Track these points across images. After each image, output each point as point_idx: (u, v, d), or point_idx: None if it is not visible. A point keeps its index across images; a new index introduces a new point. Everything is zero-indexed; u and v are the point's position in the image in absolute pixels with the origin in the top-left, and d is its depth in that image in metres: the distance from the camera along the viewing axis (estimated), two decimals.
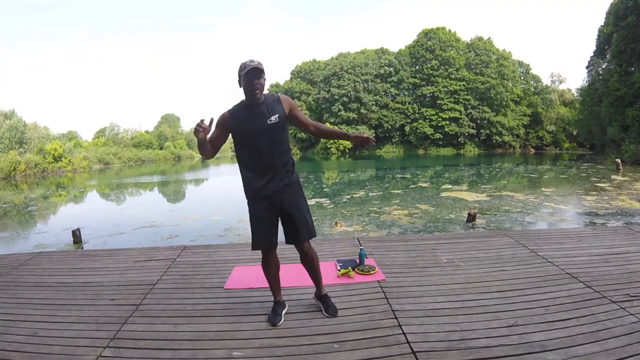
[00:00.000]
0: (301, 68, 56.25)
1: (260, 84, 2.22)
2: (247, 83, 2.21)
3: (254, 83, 2.20)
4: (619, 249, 3.65)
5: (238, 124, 2.29)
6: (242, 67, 2.21)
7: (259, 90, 2.23)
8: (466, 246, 3.85)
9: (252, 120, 2.26)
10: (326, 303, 2.54)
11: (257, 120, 2.26)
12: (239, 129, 2.30)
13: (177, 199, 14.45)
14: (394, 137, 52.79)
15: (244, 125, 2.28)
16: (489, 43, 50.38)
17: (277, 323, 2.40)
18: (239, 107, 2.33)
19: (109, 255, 3.97)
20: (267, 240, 2.40)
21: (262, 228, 2.37)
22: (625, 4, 25.66)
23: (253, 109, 2.28)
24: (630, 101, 24.47)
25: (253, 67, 2.17)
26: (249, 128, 2.27)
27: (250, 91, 2.23)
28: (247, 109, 2.29)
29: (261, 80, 2.23)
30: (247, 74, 2.19)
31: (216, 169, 31.38)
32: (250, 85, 2.20)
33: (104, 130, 63.00)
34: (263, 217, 2.36)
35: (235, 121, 2.29)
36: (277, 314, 2.46)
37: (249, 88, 2.22)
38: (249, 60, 2.20)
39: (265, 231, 2.38)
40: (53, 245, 6.86)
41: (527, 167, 23.20)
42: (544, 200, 10.16)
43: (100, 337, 2.29)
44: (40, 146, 30.31)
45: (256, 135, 2.26)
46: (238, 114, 2.30)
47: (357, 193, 12.91)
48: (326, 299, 2.56)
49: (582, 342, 2.06)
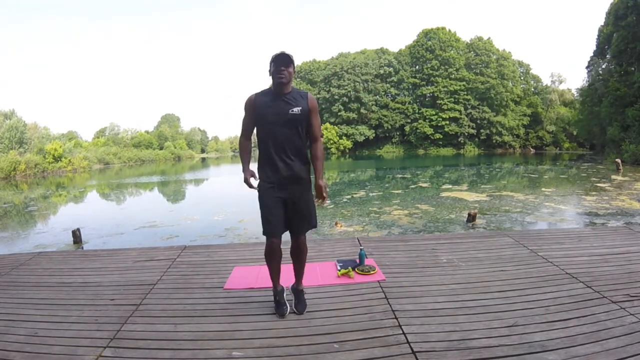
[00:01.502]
0: (301, 68, 56.25)
1: (288, 71, 2.31)
2: (274, 69, 2.31)
3: (281, 69, 2.30)
4: (619, 249, 3.64)
5: (262, 109, 2.37)
6: (273, 56, 2.33)
7: (285, 77, 2.31)
8: (466, 246, 3.84)
9: (275, 108, 2.35)
10: (298, 298, 2.59)
11: (280, 108, 2.34)
12: (261, 114, 2.37)
13: (177, 199, 14.44)
14: (394, 137, 52.82)
15: (266, 110, 2.36)
16: (489, 43, 50.39)
17: (285, 313, 2.46)
18: (266, 93, 2.42)
19: (109, 255, 3.96)
20: (275, 226, 2.42)
21: (271, 214, 2.41)
22: (625, 4, 25.67)
23: (278, 97, 2.36)
24: (630, 101, 24.48)
25: (281, 53, 2.31)
26: (271, 114, 2.35)
27: (276, 76, 2.32)
28: (273, 96, 2.38)
29: (289, 69, 2.32)
30: (276, 60, 2.31)
31: (216, 169, 31.39)
32: (278, 71, 2.31)
33: (104, 130, 63.08)
34: (272, 204, 2.40)
35: (260, 105, 2.37)
36: (281, 304, 2.52)
37: (276, 74, 2.32)
38: (281, 50, 2.33)
39: (274, 217, 2.41)
40: (53, 245, 6.86)
41: (527, 167, 23.20)
42: (544, 200, 10.15)
43: (100, 337, 2.29)
44: (40, 146, 30.30)
45: (276, 122, 2.34)
46: (263, 99, 2.39)
47: (357, 193, 12.91)
48: (300, 294, 2.61)
49: (583, 342, 2.06)
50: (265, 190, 2.42)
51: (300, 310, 2.52)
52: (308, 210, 2.47)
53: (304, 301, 2.59)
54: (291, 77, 2.34)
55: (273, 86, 2.39)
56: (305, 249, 2.56)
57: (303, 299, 2.60)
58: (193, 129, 79.93)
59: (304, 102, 2.38)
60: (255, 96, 2.41)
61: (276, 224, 2.41)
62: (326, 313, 2.52)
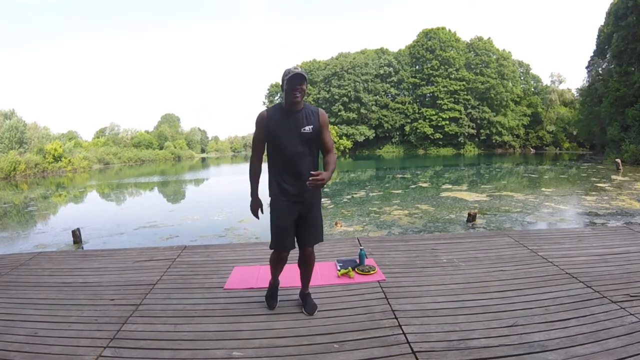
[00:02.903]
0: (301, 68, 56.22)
1: (302, 89, 2.32)
2: (289, 87, 2.30)
3: (296, 88, 2.30)
4: (618, 249, 3.65)
5: (273, 126, 2.36)
6: (286, 73, 2.31)
7: (300, 95, 2.32)
8: (466, 246, 3.84)
9: (287, 125, 2.34)
10: (305, 301, 2.64)
11: (292, 126, 2.34)
12: (273, 131, 2.36)
13: (177, 199, 14.44)
14: (394, 137, 52.80)
15: (278, 128, 2.35)
16: (489, 43, 50.38)
17: (274, 306, 2.62)
18: (277, 109, 2.40)
19: (109, 255, 3.96)
20: (285, 241, 2.44)
21: (282, 229, 2.42)
22: (625, 4, 25.66)
23: (290, 115, 2.36)
24: (630, 101, 24.46)
25: (297, 72, 2.29)
26: (283, 132, 2.34)
27: (290, 95, 2.31)
28: (285, 113, 2.37)
29: (303, 86, 2.32)
30: (290, 79, 2.29)
31: (216, 170, 31.39)
32: (292, 89, 2.30)
33: (104, 130, 63.03)
34: (283, 219, 2.41)
35: (272, 122, 2.36)
36: (273, 297, 2.67)
37: (290, 92, 2.31)
38: (294, 67, 2.33)
39: (284, 232, 2.43)
40: (53, 245, 6.86)
41: (527, 167, 23.20)
42: (544, 200, 10.15)
43: (100, 337, 2.29)
44: (40, 146, 30.26)
45: (288, 140, 2.34)
46: (275, 116, 2.37)
47: (358, 193, 12.90)
48: (307, 297, 2.66)
49: (582, 342, 2.06)
50: (276, 205, 2.43)
51: (311, 311, 2.55)
52: (316, 224, 2.49)
53: (312, 303, 2.62)
54: (304, 94, 2.35)
55: (285, 103, 2.37)
56: (313, 259, 2.58)
57: (311, 301, 2.63)
58: (193, 129, 79.91)
59: (315, 120, 2.38)
60: (266, 112, 2.40)
61: (287, 238, 2.44)
62: (326, 313, 2.53)
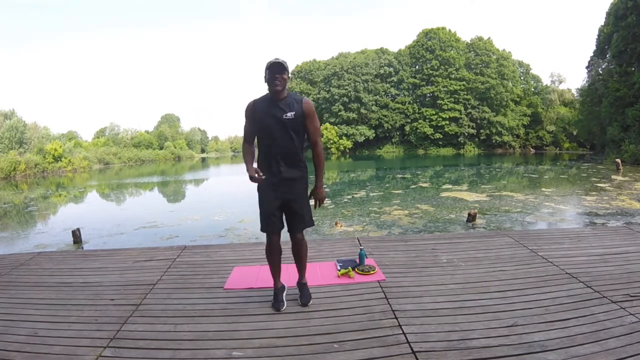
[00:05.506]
0: (301, 68, 56.25)
1: (282, 78, 2.42)
2: (270, 76, 2.43)
3: (275, 76, 2.41)
4: (618, 249, 3.65)
5: (259, 114, 2.48)
6: (268, 64, 2.43)
7: (280, 83, 2.42)
8: (466, 246, 3.84)
9: (270, 113, 2.46)
10: (302, 291, 2.70)
11: (275, 113, 2.45)
12: (258, 119, 2.49)
13: (177, 199, 14.44)
14: (394, 137, 52.81)
15: (263, 116, 2.47)
16: (489, 43, 50.38)
17: (281, 308, 2.56)
18: (263, 99, 2.53)
19: (109, 255, 3.96)
20: (271, 224, 2.54)
21: (268, 211, 2.53)
22: (625, 4, 25.66)
23: (274, 103, 2.47)
24: (630, 101, 24.48)
25: (275, 61, 2.40)
26: (266, 119, 2.46)
27: (271, 84, 2.43)
28: (269, 101, 2.49)
29: (283, 75, 2.42)
30: (270, 68, 2.42)
31: (216, 170, 31.39)
32: (272, 78, 2.42)
33: (104, 130, 63.01)
34: (269, 203, 2.53)
35: (257, 111, 2.49)
36: (279, 299, 2.62)
37: (271, 81, 2.43)
38: (275, 57, 2.43)
39: (271, 216, 2.53)
40: (53, 245, 6.86)
41: (527, 167, 23.21)
42: (544, 201, 10.15)
43: (100, 337, 2.29)
44: (40, 146, 30.26)
45: (271, 127, 2.46)
46: (260, 105, 2.51)
47: (358, 193, 12.91)
48: (304, 287, 2.71)
49: (582, 342, 2.06)
50: (263, 190, 2.55)
51: (305, 302, 2.62)
52: (303, 210, 2.58)
53: (307, 293, 2.68)
54: (285, 83, 2.45)
55: (269, 92, 2.51)
56: (304, 246, 2.65)
57: (306, 291, 2.70)
58: (193, 129, 79.87)
59: (298, 107, 2.48)
60: (253, 102, 2.53)
61: (273, 221, 2.54)
62: (326, 313, 2.52)
